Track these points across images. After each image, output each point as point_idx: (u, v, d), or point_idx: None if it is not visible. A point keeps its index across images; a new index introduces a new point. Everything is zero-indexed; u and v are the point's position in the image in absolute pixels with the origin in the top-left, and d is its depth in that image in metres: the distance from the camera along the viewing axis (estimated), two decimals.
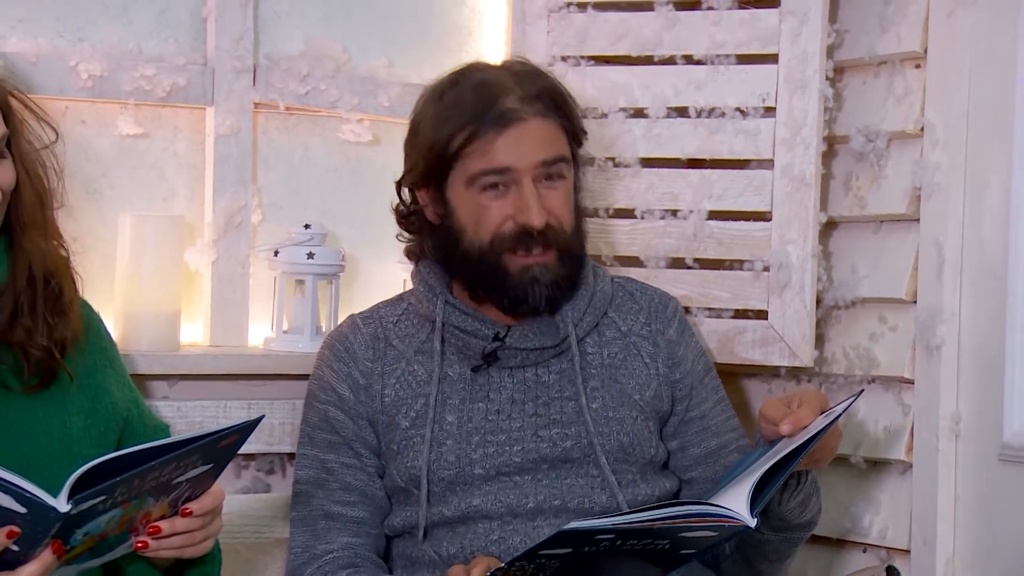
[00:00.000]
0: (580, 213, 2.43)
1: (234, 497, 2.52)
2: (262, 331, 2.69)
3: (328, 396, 2.41)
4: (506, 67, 2.40)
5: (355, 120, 2.77)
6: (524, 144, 2.31)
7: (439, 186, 2.36)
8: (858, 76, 2.72)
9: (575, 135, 2.40)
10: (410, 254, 2.48)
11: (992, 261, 2.52)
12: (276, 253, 2.65)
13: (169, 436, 2.18)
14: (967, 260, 2.55)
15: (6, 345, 2.00)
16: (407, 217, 2.46)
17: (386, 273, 2.78)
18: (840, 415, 2.22)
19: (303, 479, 2.42)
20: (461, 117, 2.31)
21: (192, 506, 1.94)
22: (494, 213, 2.33)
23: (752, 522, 2.08)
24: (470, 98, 2.32)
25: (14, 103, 2.03)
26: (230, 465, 2.54)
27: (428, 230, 2.42)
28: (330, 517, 2.37)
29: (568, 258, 2.37)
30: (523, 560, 2.10)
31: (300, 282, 2.66)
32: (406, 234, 2.48)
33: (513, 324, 2.38)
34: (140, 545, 1.92)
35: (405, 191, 2.45)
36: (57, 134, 2.12)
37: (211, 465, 1.92)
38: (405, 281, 2.66)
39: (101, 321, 2.21)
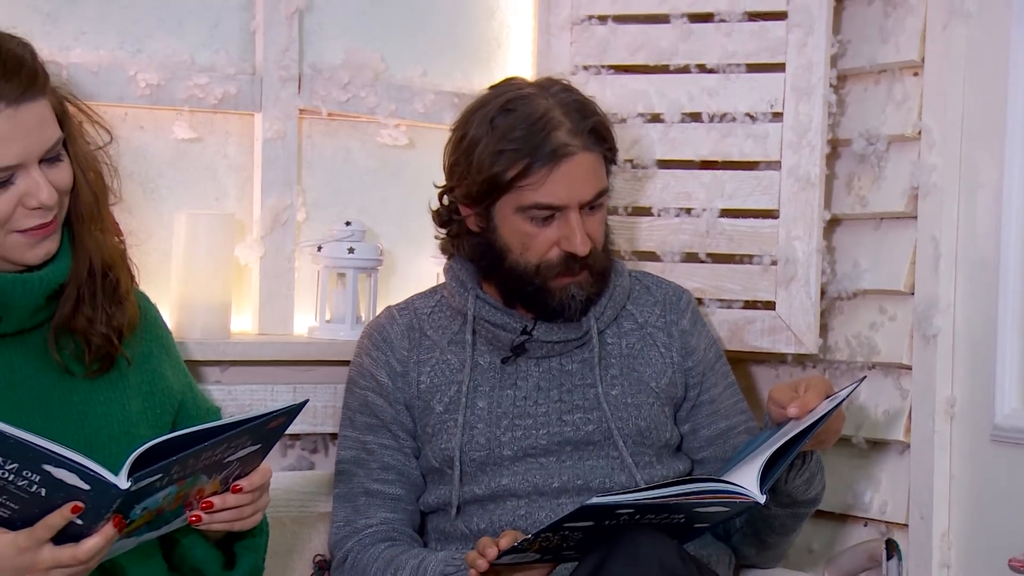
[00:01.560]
0: (608, 228, 2.44)
1: (280, 474, 2.53)
2: (306, 320, 2.70)
3: (367, 382, 2.42)
4: (549, 92, 2.35)
5: (392, 125, 2.77)
6: (574, 180, 2.30)
7: (487, 206, 2.36)
8: (860, 83, 2.72)
9: (613, 160, 2.41)
10: (444, 250, 2.49)
11: (984, 255, 2.51)
12: (319, 248, 2.66)
13: (220, 419, 2.19)
14: (961, 254, 2.54)
15: (69, 333, 2.01)
16: (446, 221, 2.45)
17: (421, 267, 2.79)
18: (843, 400, 2.22)
19: (344, 459, 2.43)
20: (517, 152, 2.29)
21: (242, 483, 1.95)
22: (540, 240, 2.32)
23: (761, 498, 2.08)
24: (523, 131, 2.29)
25: (70, 108, 2.03)
26: (277, 444, 2.57)
27: (466, 234, 2.41)
28: (369, 494, 2.39)
29: (600, 274, 2.39)
30: (548, 532, 2.11)
31: (341, 275, 2.66)
32: (442, 232, 2.48)
33: (538, 320, 2.39)
34: (194, 519, 1.93)
35: (444, 197, 2.44)
36: (111, 136, 2.12)
37: (259, 445, 1.92)
38: (438, 275, 2.66)
39: (157, 311, 2.21)
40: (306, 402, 1.94)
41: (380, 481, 2.39)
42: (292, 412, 1.91)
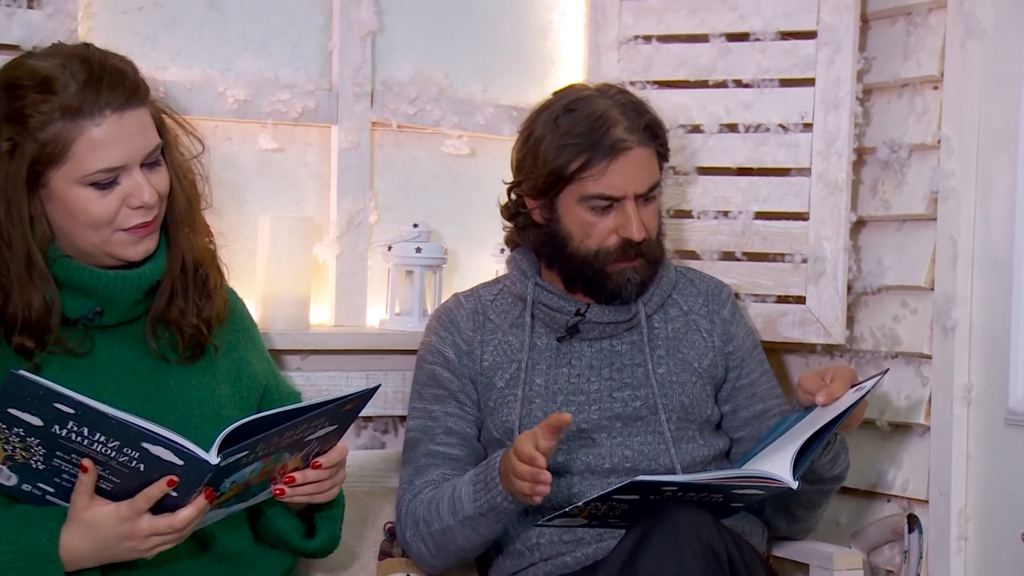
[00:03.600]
0: (661, 219, 2.45)
1: (355, 452, 2.54)
2: (378, 313, 2.70)
3: (435, 358, 2.43)
4: (607, 94, 2.38)
5: (455, 136, 2.77)
6: (631, 172, 2.32)
7: (551, 198, 2.37)
8: (884, 96, 2.70)
9: (665, 156, 2.42)
10: (509, 241, 2.50)
11: (999, 254, 2.50)
12: (390, 248, 2.66)
13: (301, 401, 2.21)
14: (977, 253, 2.53)
15: (164, 324, 2.02)
16: (513, 215, 2.47)
17: (481, 264, 2.79)
18: (868, 391, 2.22)
19: (412, 428, 2.43)
20: (579, 146, 2.31)
21: (321, 459, 1.96)
22: (600, 228, 2.34)
23: (794, 484, 2.09)
24: (584, 127, 2.32)
25: (167, 120, 2.05)
26: (352, 425, 2.58)
27: (532, 226, 2.43)
28: (431, 455, 2.38)
29: (653, 261, 2.40)
30: (598, 501, 2.12)
31: (409, 272, 2.66)
32: (509, 224, 2.49)
33: (591, 303, 2.39)
34: (277, 492, 1.95)
35: (512, 192, 2.46)
36: (203, 145, 2.13)
37: (336, 426, 1.94)
38: (497, 271, 2.67)
39: (244, 305, 2.23)
40: (378, 387, 1.95)
41: (442, 444, 2.39)
42: (365, 396, 1.92)
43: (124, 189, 1.93)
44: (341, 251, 2.65)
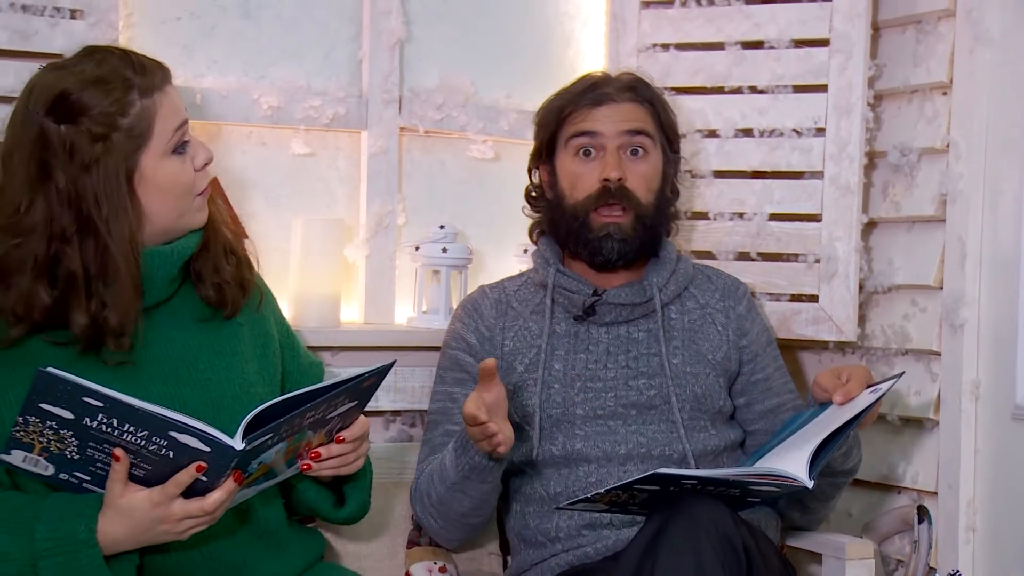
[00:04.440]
0: (666, 197, 2.45)
1: (383, 445, 2.55)
2: (406, 311, 2.71)
3: (458, 344, 2.43)
4: (612, 73, 2.48)
5: (480, 141, 2.78)
6: (612, 116, 2.38)
7: (550, 158, 2.42)
8: (894, 102, 2.69)
9: (666, 130, 2.44)
10: (531, 232, 2.52)
11: (1006, 254, 2.49)
12: (417, 248, 2.67)
13: (322, 373, 2.22)
14: (985, 253, 2.52)
15: (207, 300, 2.04)
16: (535, 199, 2.50)
17: (505, 264, 2.79)
18: (884, 394, 2.21)
19: (433, 411, 2.43)
20: (567, 97, 2.41)
21: (344, 434, 1.97)
22: (586, 177, 2.38)
23: (809, 484, 2.08)
24: (576, 86, 2.42)
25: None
26: (380, 418, 2.61)
27: (546, 206, 2.46)
28: (447, 434, 2.38)
29: (642, 225, 2.39)
30: (619, 489, 2.12)
31: (436, 272, 2.67)
32: (530, 209, 2.52)
33: (609, 288, 2.39)
34: (304, 467, 1.96)
35: (535, 175, 2.51)
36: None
37: (356, 402, 1.95)
38: (520, 270, 2.67)
39: (270, 292, 2.22)
40: (393, 363, 1.97)
41: (459, 424, 2.35)
42: (382, 372, 1.94)
43: (190, 152, 1.98)
44: (370, 252, 2.66)
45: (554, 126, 2.42)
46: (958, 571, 2.39)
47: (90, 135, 1.88)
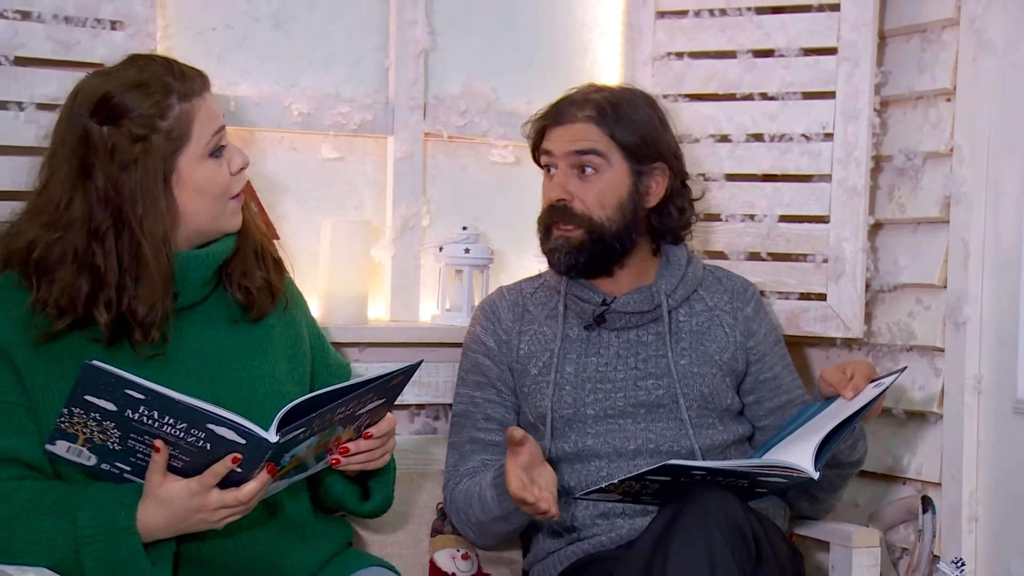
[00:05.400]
0: (631, 209, 2.36)
1: (408, 437, 2.56)
2: (430, 309, 2.71)
3: (478, 347, 2.44)
4: (596, 86, 2.44)
5: (501, 146, 2.78)
6: (564, 136, 2.37)
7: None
8: (900, 108, 2.68)
9: (628, 146, 2.35)
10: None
11: (1008, 254, 2.48)
12: (441, 249, 2.67)
13: (350, 375, 2.22)
14: (987, 254, 2.51)
15: (235, 287, 2.05)
16: None
17: (525, 263, 2.78)
18: (888, 387, 2.21)
19: (457, 412, 2.44)
20: (540, 114, 2.42)
21: (372, 430, 1.98)
22: (546, 190, 2.40)
23: (816, 475, 2.08)
24: (548, 108, 2.41)
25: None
26: (406, 411, 2.61)
27: None
28: (473, 441, 2.39)
29: (595, 239, 2.35)
30: (632, 480, 2.12)
31: (459, 271, 2.67)
32: None
33: (619, 296, 2.39)
34: (333, 462, 1.97)
35: None
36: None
37: (384, 400, 1.95)
38: (539, 269, 2.66)
39: (300, 294, 2.23)
40: (420, 362, 1.97)
41: (483, 430, 2.40)
42: (409, 371, 1.94)
43: (227, 156, 1.99)
44: (396, 252, 2.66)
45: (534, 139, 2.43)
46: (961, 559, 2.38)
47: (130, 136, 1.89)
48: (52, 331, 1.89)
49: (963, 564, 2.34)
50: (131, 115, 1.89)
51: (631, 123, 2.36)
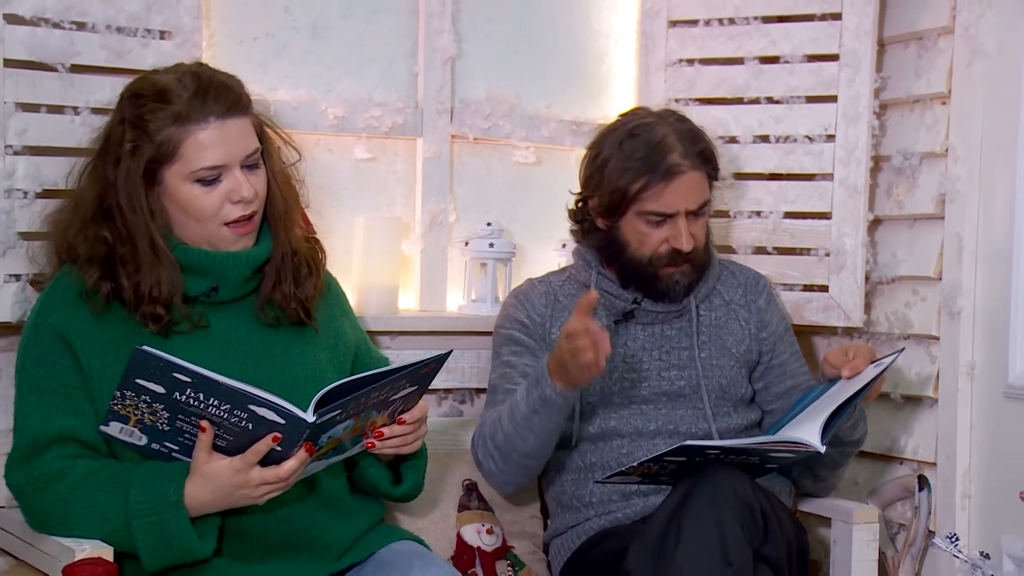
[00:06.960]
0: (709, 230, 2.42)
1: (436, 419, 2.55)
2: (456, 300, 2.71)
3: (511, 324, 2.41)
4: (667, 121, 2.35)
5: (524, 147, 2.77)
6: (682, 192, 2.30)
7: (615, 216, 2.35)
8: (898, 111, 2.67)
9: (715, 176, 2.38)
10: (574, 235, 2.48)
11: (999, 248, 2.47)
12: (466, 243, 2.67)
13: (388, 366, 2.22)
14: (980, 247, 2.50)
15: (270, 304, 2.05)
16: (579, 220, 2.44)
17: (545, 257, 2.78)
18: (887, 368, 2.20)
19: (491, 380, 2.42)
20: (639, 170, 2.29)
21: (405, 416, 1.98)
22: (653, 238, 2.32)
23: (822, 449, 2.09)
24: (644, 152, 2.30)
25: (269, 132, 2.08)
26: (434, 395, 2.61)
27: (595, 230, 2.40)
28: (507, 392, 2.35)
29: (700, 267, 2.38)
30: (650, 462, 2.12)
31: (483, 265, 2.67)
32: (575, 226, 2.46)
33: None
34: (368, 445, 1.97)
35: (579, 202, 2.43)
36: (300, 155, 2.15)
37: (416, 387, 1.95)
38: (559, 263, 2.67)
39: (339, 285, 2.24)
40: (450, 352, 1.96)
41: (516, 385, 2.34)
42: (440, 360, 1.93)
43: (226, 186, 1.97)
44: (425, 246, 2.66)
45: (626, 195, 2.30)
46: (955, 534, 2.38)
47: (131, 137, 1.93)
48: (101, 299, 1.92)
49: (957, 539, 2.34)
50: (138, 119, 1.93)
51: (712, 154, 2.36)
